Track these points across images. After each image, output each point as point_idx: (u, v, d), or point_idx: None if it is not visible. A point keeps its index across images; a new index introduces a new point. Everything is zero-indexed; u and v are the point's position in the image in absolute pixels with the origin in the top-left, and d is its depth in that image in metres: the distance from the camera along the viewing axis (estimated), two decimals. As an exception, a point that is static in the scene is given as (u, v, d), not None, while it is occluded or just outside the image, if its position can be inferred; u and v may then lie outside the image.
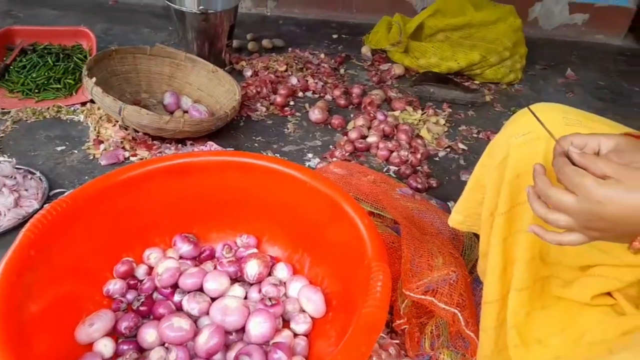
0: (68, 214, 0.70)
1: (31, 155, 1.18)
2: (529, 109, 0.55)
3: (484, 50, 1.69)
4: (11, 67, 1.49)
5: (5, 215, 0.95)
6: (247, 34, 1.90)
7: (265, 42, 1.85)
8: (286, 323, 0.77)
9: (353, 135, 1.33)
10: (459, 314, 0.69)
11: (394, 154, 1.26)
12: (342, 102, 1.52)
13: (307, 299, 0.77)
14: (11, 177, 1.00)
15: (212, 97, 1.44)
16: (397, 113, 1.48)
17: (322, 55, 1.81)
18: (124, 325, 0.71)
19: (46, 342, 0.61)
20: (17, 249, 0.61)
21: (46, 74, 1.47)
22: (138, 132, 1.25)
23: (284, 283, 0.82)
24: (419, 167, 1.25)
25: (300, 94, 1.57)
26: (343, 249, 0.75)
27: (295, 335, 0.74)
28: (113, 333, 0.71)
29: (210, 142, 1.25)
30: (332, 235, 0.79)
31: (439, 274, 0.73)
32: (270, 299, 0.76)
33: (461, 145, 1.38)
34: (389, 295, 0.61)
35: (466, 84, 1.71)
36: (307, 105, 1.51)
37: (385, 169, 1.26)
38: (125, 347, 0.70)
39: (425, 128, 1.40)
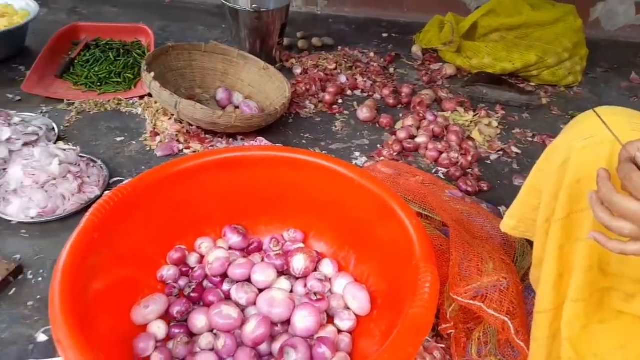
0: (128, 201, 0.74)
1: (93, 144, 1.24)
2: (595, 111, 0.53)
3: (541, 51, 1.63)
4: (76, 61, 1.57)
5: (69, 200, 1.01)
6: (298, 32, 1.92)
7: (315, 41, 1.86)
8: (330, 319, 0.78)
9: (401, 135, 1.32)
10: (509, 322, 0.68)
11: (444, 155, 1.24)
12: (391, 101, 1.51)
13: (352, 296, 0.77)
14: (76, 164, 1.06)
15: (263, 94, 1.46)
16: (447, 114, 1.45)
17: (372, 54, 1.80)
18: (176, 310, 0.74)
19: (107, 321, 0.64)
20: (81, 232, 0.65)
21: (107, 68, 1.54)
22: (192, 125, 1.29)
23: (329, 279, 0.83)
24: (469, 170, 1.22)
25: (349, 92, 1.57)
26: (390, 248, 0.75)
27: (339, 331, 0.75)
28: (166, 316, 0.74)
29: (260, 138, 1.27)
30: (379, 234, 0.79)
31: (489, 279, 0.71)
32: (315, 293, 0.76)
33: (514, 149, 1.33)
34: (437, 297, 0.60)
35: (521, 85, 1.66)
36: (355, 103, 1.51)
37: (434, 170, 1.24)
38: (176, 330, 0.72)
39: (477, 130, 1.37)
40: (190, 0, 2.26)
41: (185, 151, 1.24)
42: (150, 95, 1.43)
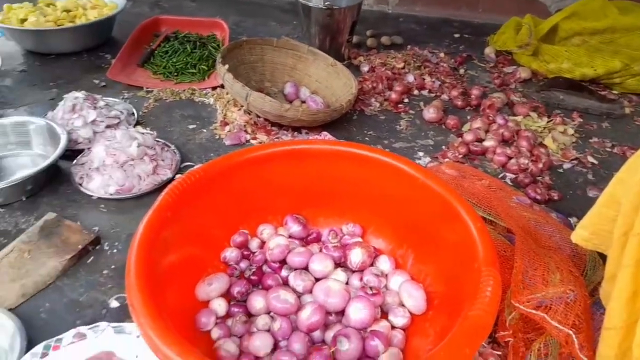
0: (199, 184, 0.78)
1: (167, 130, 1.32)
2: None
3: (627, 58, 1.52)
4: (156, 52, 1.67)
5: (144, 180, 1.08)
6: (367, 30, 1.92)
7: (384, 39, 1.85)
8: (384, 314, 0.78)
9: (468, 137, 1.29)
10: (573, 336, 0.64)
11: (512, 160, 1.20)
12: (459, 102, 1.47)
13: (408, 294, 0.76)
14: (152, 148, 1.13)
15: (329, 90, 1.48)
16: (519, 118, 1.40)
17: (442, 54, 1.77)
18: (236, 290, 0.77)
19: (174, 293, 0.68)
20: (156, 210, 0.69)
21: (184, 59, 1.62)
22: (259, 117, 1.33)
23: (386, 275, 0.82)
24: (539, 177, 1.17)
25: (416, 92, 1.55)
26: (451, 250, 0.74)
27: (393, 327, 0.75)
28: (226, 295, 0.78)
29: (324, 132, 1.29)
30: (440, 235, 0.78)
31: (554, 290, 0.68)
32: (371, 288, 0.77)
33: (591, 159, 1.26)
34: (498, 301, 0.59)
35: (602, 93, 1.56)
36: (421, 103, 1.49)
37: (500, 175, 1.20)
38: (236, 309, 0.76)
39: (550, 137, 1.31)
40: (264, -4, 2.33)
41: (252, 141, 1.29)
42: (222, 86, 1.49)
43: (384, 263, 0.84)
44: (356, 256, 0.81)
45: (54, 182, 1.11)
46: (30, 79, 1.53)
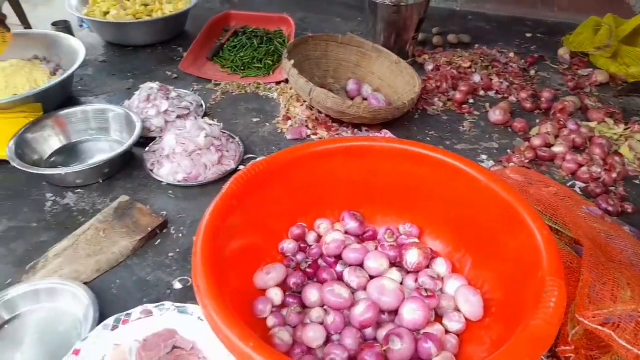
0: (263, 175, 0.80)
1: (233, 122, 1.36)
2: None
3: None
4: (225, 46, 1.73)
5: (210, 169, 1.13)
6: (434, 27, 1.88)
7: (450, 37, 1.81)
8: (438, 318, 0.77)
9: (536, 142, 1.23)
10: (643, 357, 0.61)
11: (584, 168, 1.14)
12: (528, 105, 1.41)
13: (464, 299, 0.75)
14: (218, 138, 1.17)
15: (392, 88, 1.47)
16: (593, 124, 1.32)
17: (512, 55, 1.70)
18: (292, 281, 0.80)
19: (235, 279, 0.71)
20: (223, 197, 0.73)
21: (251, 54, 1.67)
22: (321, 113, 1.35)
23: (442, 279, 0.82)
24: (612, 188, 1.10)
25: (482, 92, 1.51)
26: (513, 257, 0.72)
27: (447, 332, 0.74)
28: (282, 285, 0.80)
29: (385, 130, 1.28)
30: (501, 241, 0.76)
31: (624, 307, 0.65)
32: (426, 290, 0.76)
33: (671, 171, 1.17)
34: (563, 313, 0.56)
35: (689, 100, 1.44)
36: (487, 105, 1.45)
37: (570, 183, 1.14)
38: (291, 300, 0.78)
39: (627, 145, 1.23)
40: (330, -7, 2.34)
41: (313, 137, 1.31)
42: (286, 81, 1.52)
43: (441, 266, 0.82)
44: (412, 257, 0.80)
45: (128, 167, 1.18)
46: (109, 69, 1.64)
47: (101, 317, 0.79)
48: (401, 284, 0.80)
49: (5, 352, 0.77)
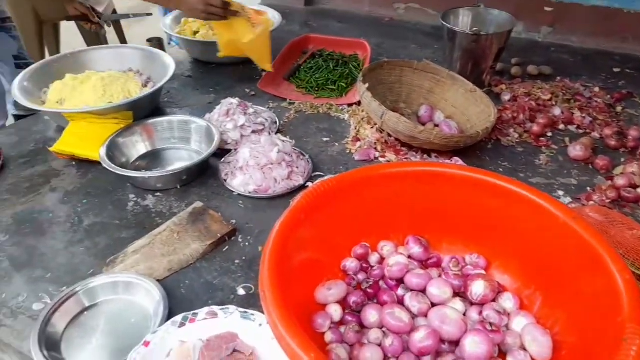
0: (331, 193, 0.82)
1: (304, 140, 1.40)
2: None
3: None
4: (302, 67, 1.79)
5: (279, 183, 1.17)
6: (513, 58, 1.84)
7: (530, 68, 1.76)
8: (502, 355, 0.74)
9: (620, 181, 1.16)
10: None
11: (673, 213, 1.05)
12: (612, 142, 1.34)
13: (532, 339, 0.72)
14: (289, 155, 1.22)
15: (465, 116, 1.45)
16: (686, 167, 1.22)
17: (597, 89, 1.62)
18: (352, 299, 0.80)
19: (298, 290, 0.73)
20: (293, 210, 0.75)
21: (326, 76, 1.72)
22: (391, 136, 1.36)
23: (508, 314, 0.78)
24: None
25: (562, 126, 1.45)
26: (589, 299, 0.68)
27: (510, 370, 0.71)
28: (342, 303, 0.81)
29: (456, 158, 1.27)
30: (577, 281, 0.72)
31: None
32: (491, 324, 0.74)
33: None
34: (643, 365, 0.52)
35: None
36: (567, 139, 1.38)
37: (656, 228, 1.06)
38: (349, 318, 0.78)
39: None
40: (407, 20, 2.37)
41: (380, 159, 1.31)
42: (358, 103, 1.55)
43: (508, 301, 0.79)
44: (478, 288, 0.78)
45: (204, 175, 1.25)
46: (194, 84, 1.75)
47: (169, 313, 0.84)
48: (464, 315, 0.78)
49: (84, 335, 0.84)
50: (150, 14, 1.85)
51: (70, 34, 2.19)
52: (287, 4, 2.59)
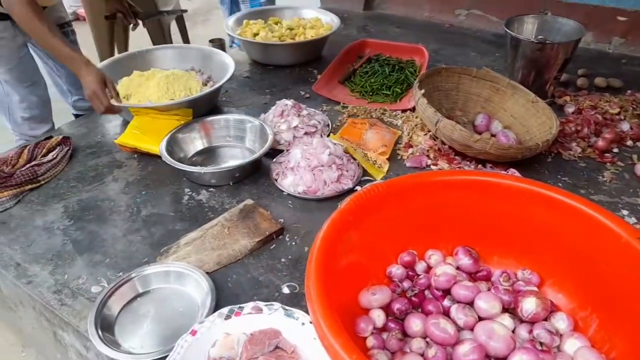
0: (381, 197, 0.82)
1: (355, 144, 1.40)
2: None
3: None
4: (357, 72, 1.80)
5: (328, 185, 1.17)
6: (579, 69, 1.75)
7: (598, 80, 1.67)
8: (551, 377, 0.70)
9: (694, 204, 1.08)
10: None
11: None
12: (686, 162, 1.25)
13: (585, 363, 0.68)
14: (340, 158, 1.22)
15: (524, 127, 1.40)
16: None
17: (673, 105, 1.52)
18: (396, 306, 0.79)
19: (342, 293, 0.73)
20: (341, 212, 0.76)
21: (381, 81, 1.71)
22: (444, 144, 1.33)
23: (560, 335, 0.75)
24: None
25: (630, 142, 1.36)
26: (652, 326, 0.63)
27: (560, 394, 0.68)
28: (385, 309, 0.80)
29: (512, 169, 1.22)
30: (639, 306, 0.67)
31: None
32: (541, 343, 0.71)
33: None
34: None
35: None
36: (635, 156, 1.30)
37: None
38: (392, 325, 0.77)
39: None
40: (468, 26, 2.31)
41: (432, 167, 1.29)
42: (413, 110, 1.53)
43: (561, 321, 0.76)
44: (529, 305, 0.75)
45: (256, 173, 1.28)
46: (251, 85, 1.80)
47: (216, 305, 0.87)
48: (513, 331, 0.75)
49: (135, 320, 0.88)
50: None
51: (138, 34, 2.32)
52: (346, 8, 2.60)
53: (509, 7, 2.10)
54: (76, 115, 1.91)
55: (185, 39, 2.99)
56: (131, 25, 1.65)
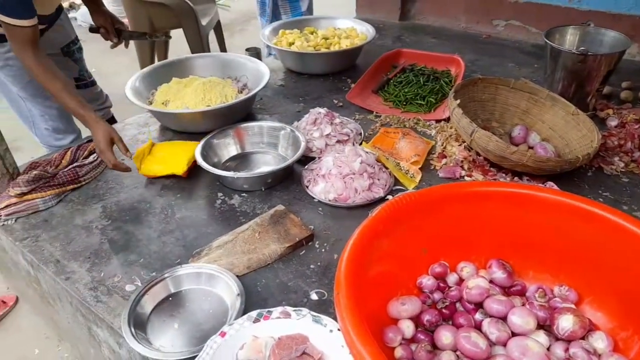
0: (413, 207, 0.81)
1: (387, 153, 1.40)
2: None
3: None
4: (391, 81, 1.79)
5: (359, 193, 1.17)
6: (624, 81, 1.70)
7: (644, 93, 1.61)
8: (588, 399, 0.67)
9: None
10: None
11: None
12: None
13: (626, 386, 0.65)
14: (372, 166, 1.22)
15: (563, 140, 1.36)
16: None
17: None
18: (426, 318, 0.78)
19: (371, 301, 0.73)
20: (372, 220, 0.75)
21: (415, 91, 1.70)
22: (479, 156, 1.31)
23: (599, 355, 0.72)
24: None
25: (677, 159, 1.30)
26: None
27: (598, 418, 0.64)
28: (415, 319, 0.79)
29: (550, 183, 1.19)
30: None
31: None
32: (578, 363, 0.68)
33: None
34: None
35: None
36: (683, 173, 1.24)
37: None
38: (422, 336, 0.76)
39: None
40: (507, 37, 2.28)
41: (467, 178, 1.27)
42: (447, 120, 1.51)
43: (600, 341, 0.73)
44: (566, 322, 0.72)
45: (288, 180, 1.29)
46: (285, 93, 1.82)
47: (245, 309, 0.87)
48: (547, 349, 0.73)
49: (166, 319, 0.90)
50: (170, 37, 1.91)
51: (177, 42, 2.39)
52: (382, 18, 2.61)
53: (549, 18, 2.06)
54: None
55: (223, 48, 3.07)
56: (111, 44, 1.67)
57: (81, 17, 4.46)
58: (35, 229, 1.16)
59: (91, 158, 1.35)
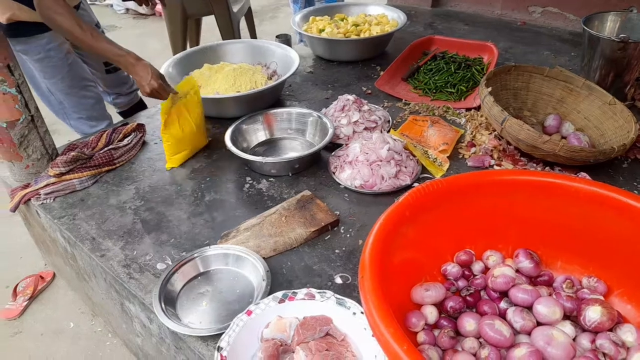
0: (440, 194, 0.81)
1: (416, 141, 1.39)
2: None
3: None
4: (421, 69, 1.77)
5: (386, 181, 1.17)
6: (666, 70, 1.62)
7: (688, 83, 1.54)
8: (614, 392, 0.66)
9: None
10: None
11: None
12: None
13: (654, 380, 0.64)
14: (399, 154, 1.21)
15: (598, 130, 1.32)
16: None
17: None
18: (450, 305, 0.78)
19: (395, 286, 0.73)
20: (398, 206, 0.75)
21: (446, 78, 1.68)
22: (510, 145, 1.28)
23: (627, 348, 0.70)
24: None
25: None
26: None
27: (623, 410, 0.64)
28: (438, 306, 0.79)
29: (582, 173, 1.16)
30: None
31: None
32: (604, 354, 0.67)
33: None
34: None
35: None
36: None
37: None
38: (445, 322, 0.76)
39: None
40: (543, 24, 2.21)
41: (496, 167, 1.25)
42: (477, 108, 1.49)
43: (629, 333, 0.71)
44: (594, 314, 0.71)
45: (314, 166, 1.30)
46: (314, 79, 1.82)
47: (270, 290, 0.89)
48: (573, 339, 0.72)
49: (195, 297, 0.93)
50: None
51: (209, 28, 2.41)
52: (414, 4, 2.57)
53: (588, 4, 1.98)
54: (120, 113, 1.98)
55: (253, 35, 3.08)
56: (150, 5, 1.70)
57: (117, 2, 4.55)
58: (72, 208, 1.21)
59: (126, 141, 1.39)
